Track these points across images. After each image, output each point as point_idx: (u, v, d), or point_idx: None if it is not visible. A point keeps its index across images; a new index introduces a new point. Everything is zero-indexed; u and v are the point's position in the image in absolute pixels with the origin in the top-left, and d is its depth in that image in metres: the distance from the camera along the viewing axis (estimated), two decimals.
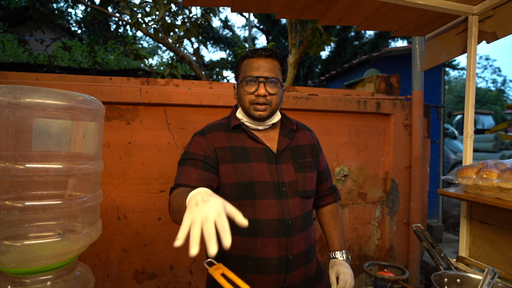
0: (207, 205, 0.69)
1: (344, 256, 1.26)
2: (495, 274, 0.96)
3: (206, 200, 0.71)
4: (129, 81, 2.09)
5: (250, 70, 1.14)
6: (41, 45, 5.64)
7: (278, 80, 1.15)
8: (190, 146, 1.17)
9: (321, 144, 1.38)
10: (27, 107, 0.88)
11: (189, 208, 0.71)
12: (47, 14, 4.98)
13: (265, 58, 1.15)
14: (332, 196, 1.38)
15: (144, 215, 2.02)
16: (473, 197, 1.31)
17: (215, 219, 0.65)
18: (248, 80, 1.14)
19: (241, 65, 1.20)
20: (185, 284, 2.10)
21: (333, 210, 1.37)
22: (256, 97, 1.13)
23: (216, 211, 0.67)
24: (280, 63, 1.19)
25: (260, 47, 1.17)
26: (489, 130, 10.51)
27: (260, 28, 12.89)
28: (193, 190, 0.79)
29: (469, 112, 1.52)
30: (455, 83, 29.31)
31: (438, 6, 1.41)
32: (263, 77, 1.13)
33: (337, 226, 1.34)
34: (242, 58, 1.21)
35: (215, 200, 0.71)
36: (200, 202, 0.71)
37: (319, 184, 1.33)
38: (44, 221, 0.94)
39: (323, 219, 1.37)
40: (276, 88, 1.15)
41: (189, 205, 0.73)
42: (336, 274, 1.19)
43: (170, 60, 8.57)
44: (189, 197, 0.77)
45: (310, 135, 1.32)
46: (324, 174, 1.35)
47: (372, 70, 3.52)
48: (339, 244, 1.29)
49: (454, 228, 5.37)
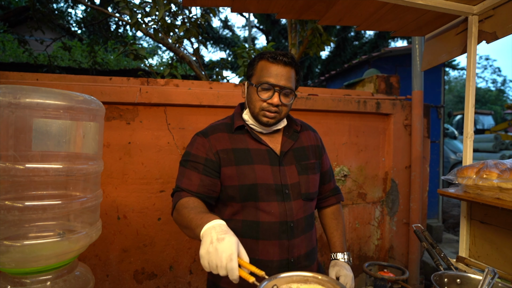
0: (221, 246, 0.78)
1: (345, 258, 1.25)
2: (495, 274, 0.96)
3: (221, 239, 0.80)
4: (129, 81, 2.09)
5: (267, 76, 1.09)
6: (41, 45, 5.65)
7: (292, 90, 1.12)
8: (192, 147, 1.15)
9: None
10: (27, 107, 0.88)
11: (204, 246, 0.81)
12: (47, 14, 4.99)
13: (285, 66, 1.10)
14: (335, 197, 1.36)
15: (144, 215, 2.02)
16: (473, 197, 1.31)
17: (226, 265, 0.77)
18: (264, 87, 1.09)
19: (257, 65, 1.14)
20: (185, 284, 2.10)
21: (335, 212, 1.35)
22: (268, 105, 1.10)
23: (228, 256, 0.77)
24: (297, 72, 1.15)
25: (280, 52, 1.11)
26: (489, 130, 10.51)
27: (260, 28, 12.89)
28: (208, 221, 0.87)
29: (469, 112, 1.52)
30: (455, 83, 29.31)
31: (438, 6, 1.41)
32: (280, 86, 1.09)
33: (339, 228, 1.32)
34: (260, 57, 1.14)
35: (229, 240, 0.80)
36: (215, 242, 0.80)
37: (321, 185, 1.31)
38: (44, 221, 0.94)
39: (325, 220, 1.36)
40: (289, 99, 1.13)
41: (204, 241, 0.82)
42: (336, 275, 1.18)
43: (170, 60, 8.57)
44: (204, 231, 0.85)
45: (314, 136, 1.30)
46: (327, 175, 1.33)
47: (372, 70, 3.52)
48: (341, 246, 1.28)
49: (454, 228, 5.37)
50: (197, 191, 1.08)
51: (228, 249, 0.78)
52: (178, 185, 1.11)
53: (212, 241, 0.80)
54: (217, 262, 0.78)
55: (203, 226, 0.86)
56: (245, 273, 0.79)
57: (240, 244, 0.82)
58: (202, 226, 0.86)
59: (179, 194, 1.09)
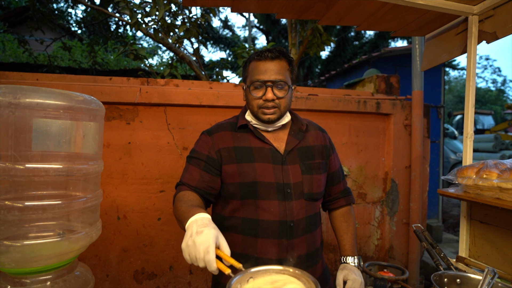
0: (199, 239, 0.81)
1: (355, 262, 1.21)
2: (495, 274, 0.96)
3: (200, 232, 0.83)
4: (129, 81, 2.09)
5: (257, 74, 1.11)
6: (41, 45, 5.64)
7: (285, 82, 1.12)
8: (197, 144, 1.20)
9: None
10: (27, 107, 0.87)
11: (185, 239, 0.85)
12: (47, 14, 4.98)
13: (272, 60, 1.11)
14: (344, 199, 1.33)
15: (144, 215, 2.02)
16: (473, 197, 1.31)
17: (203, 257, 0.80)
18: (255, 85, 1.11)
19: (248, 67, 1.17)
20: (184, 284, 2.10)
21: (345, 214, 1.32)
22: (264, 102, 1.11)
23: (205, 249, 0.80)
24: (288, 62, 1.15)
25: (266, 49, 1.13)
26: (489, 130, 10.50)
27: (260, 28, 12.89)
28: (193, 215, 0.90)
29: (469, 112, 1.52)
30: (455, 83, 29.30)
31: (438, 6, 1.41)
32: (270, 81, 1.10)
33: (349, 231, 1.29)
34: (249, 60, 1.17)
35: (207, 232, 0.82)
36: (194, 235, 0.83)
37: (330, 186, 1.29)
38: (44, 221, 0.94)
39: (335, 222, 1.33)
40: (284, 91, 1.13)
41: (186, 234, 0.86)
42: (344, 279, 1.15)
43: (170, 60, 8.57)
44: (187, 225, 0.89)
45: (322, 136, 1.29)
46: (336, 176, 1.31)
47: (372, 70, 3.52)
48: (351, 250, 1.25)
49: (454, 228, 5.37)
50: (196, 186, 1.12)
51: (206, 241, 0.80)
52: (181, 179, 1.17)
53: (192, 234, 0.83)
54: (196, 254, 0.81)
55: (188, 220, 0.90)
56: (222, 265, 0.81)
57: (221, 236, 0.85)
58: (188, 219, 0.90)
59: (180, 187, 1.15)
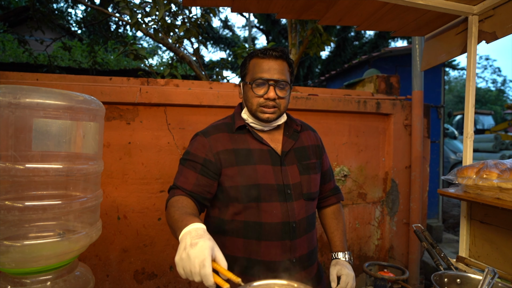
0: (193, 252, 0.76)
1: (346, 257, 1.24)
2: (495, 274, 0.96)
3: (194, 244, 0.78)
4: (129, 81, 2.09)
5: (260, 72, 1.10)
6: (41, 45, 5.64)
7: (287, 83, 1.12)
8: (192, 146, 1.16)
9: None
10: (27, 107, 0.87)
11: (178, 252, 0.79)
12: (47, 14, 4.99)
13: (276, 60, 1.11)
14: (335, 197, 1.36)
15: (144, 215, 2.02)
16: (473, 197, 1.31)
17: (199, 271, 0.74)
18: (258, 83, 1.10)
19: (249, 64, 1.15)
20: (185, 284, 2.10)
21: (335, 211, 1.35)
22: (265, 100, 1.10)
23: (201, 262, 0.74)
24: (289, 64, 1.16)
25: (270, 47, 1.13)
26: (489, 130, 10.51)
27: (260, 28, 12.89)
28: (186, 225, 0.85)
29: (469, 112, 1.52)
30: (455, 83, 29.30)
31: (438, 6, 1.41)
32: (274, 80, 1.09)
33: (339, 227, 1.32)
34: (250, 56, 1.16)
35: (202, 245, 0.77)
36: (188, 247, 0.78)
37: (322, 185, 1.31)
38: (44, 221, 0.94)
39: (326, 220, 1.36)
40: (285, 91, 1.13)
41: (179, 247, 0.80)
42: (337, 274, 1.17)
43: (170, 60, 8.57)
44: (181, 236, 0.83)
45: (314, 136, 1.31)
46: (327, 175, 1.33)
47: (372, 70, 3.52)
48: (342, 245, 1.27)
49: (454, 228, 5.37)
50: (192, 190, 1.09)
51: (201, 254, 0.75)
52: (175, 182, 1.12)
53: (186, 247, 0.78)
54: (191, 268, 0.75)
55: (181, 230, 0.85)
56: (220, 279, 0.76)
57: (217, 249, 0.80)
58: (181, 229, 0.85)
59: (173, 191, 1.10)
